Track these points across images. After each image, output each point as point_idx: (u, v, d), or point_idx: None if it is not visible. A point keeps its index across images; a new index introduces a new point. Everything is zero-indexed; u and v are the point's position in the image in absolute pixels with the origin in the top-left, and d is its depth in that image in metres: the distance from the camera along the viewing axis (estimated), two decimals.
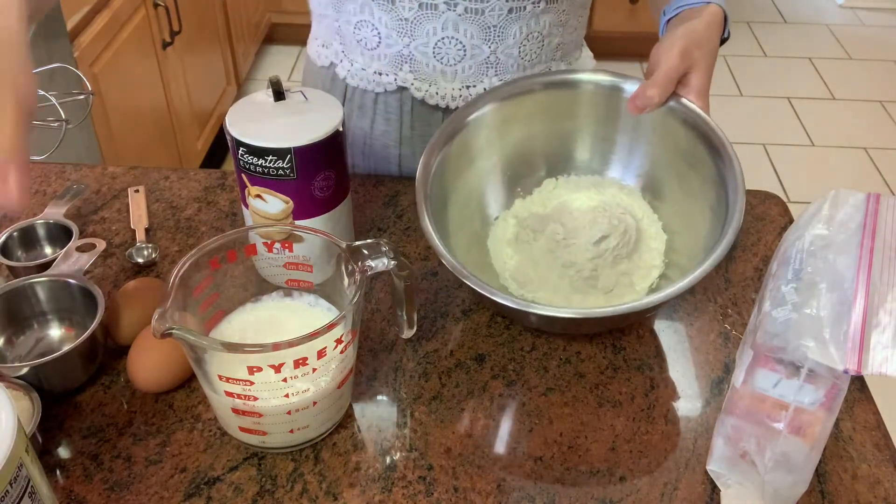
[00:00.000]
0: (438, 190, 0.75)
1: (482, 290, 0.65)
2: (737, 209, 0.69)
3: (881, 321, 0.54)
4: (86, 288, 0.71)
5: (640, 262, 0.78)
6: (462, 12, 0.84)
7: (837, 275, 0.57)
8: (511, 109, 0.81)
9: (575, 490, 0.63)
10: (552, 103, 0.82)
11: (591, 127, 0.83)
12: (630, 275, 0.77)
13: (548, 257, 0.77)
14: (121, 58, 1.79)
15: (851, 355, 0.52)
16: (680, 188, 0.79)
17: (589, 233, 0.77)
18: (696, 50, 0.76)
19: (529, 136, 0.83)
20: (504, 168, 0.83)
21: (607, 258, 0.76)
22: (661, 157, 0.80)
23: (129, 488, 0.62)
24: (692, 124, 0.76)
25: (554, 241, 0.78)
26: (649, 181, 0.82)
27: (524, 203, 0.83)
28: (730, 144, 0.73)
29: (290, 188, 0.71)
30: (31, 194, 0.91)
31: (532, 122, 0.82)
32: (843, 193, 0.64)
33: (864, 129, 2.87)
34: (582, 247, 0.76)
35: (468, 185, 0.81)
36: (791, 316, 0.56)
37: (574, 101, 0.82)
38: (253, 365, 0.57)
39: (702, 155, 0.75)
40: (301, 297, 0.69)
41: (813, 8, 3.69)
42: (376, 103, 0.94)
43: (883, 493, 0.63)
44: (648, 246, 0.79)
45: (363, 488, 0.62)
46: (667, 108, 0.77)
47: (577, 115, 0.82)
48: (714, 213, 0.73)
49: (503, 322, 0.77)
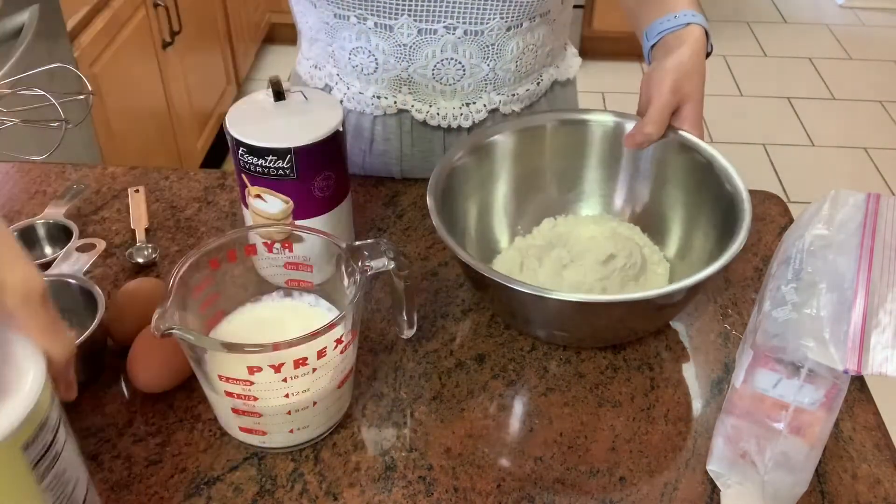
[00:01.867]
0: (448, 214, 0.75)
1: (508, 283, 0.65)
2: (743, 226, 0.69)
3: (881, 321, 0.54)
4: (86, 288, 0.71)
5: (647, 285, 0.77)
6: (461, 35, 0.83)
7: (837, 275, 0.57)
8: (524, 140, 0.82)
9: (575, 490, 0.63)
10: (562, 139, 0.83)
11: (595, 164, 0.84)
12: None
13: (555, 280, 0.76)
14: (121, 58, 1.79)
15: (851, 355, 0.52)
16: (682, 218, 0.80)
17: (596, 253, 0.76)
18: (687, 83, 0.78)
19: (538, 167, 0.84)
20: (511, 198, 0.84)
21: (615, 278, 0.75)
22: (661, 191, 0.82)
23: (129, 488, 0.62)
24: (691, 154, 0.78)
25: (560, 265, 0.77)
26: (651, 216, 0.83)
27: (524, 241, 0.84)
28: (732, 169, 0.74)
29: (290, 188, 0.71)
30: (31, 194, 0.91)
31: (541, 156, 0.84)
32: (843, 193, 0.64)
33: (864, 129, 2.87)
34: (590, 266, 0.76)
35: (476, 213, 0.81)
36: (791, 316, 0.56)
37: (582, 140, 0.83)
38: (253, 365, 0.57)
39: (702, 182, 0.77)
40: (301, 297, 0.69)
41: (813, 8, 3.69)
42: (374, 125, 0.93)
43: (883, 493, 0.63)
44: (654, 271, 0.79)
45: (363, 488, 0.62)
46: (665, 142, 0.79)
47: (583, 153, 0.84)
48: (718, 231, 0.73)
49: (503, 322, 0.77)
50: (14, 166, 0.96)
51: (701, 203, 0.78)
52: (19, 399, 0.46)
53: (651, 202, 0.83)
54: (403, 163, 0.95)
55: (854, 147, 2.77)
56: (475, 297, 0.79)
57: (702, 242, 0.77)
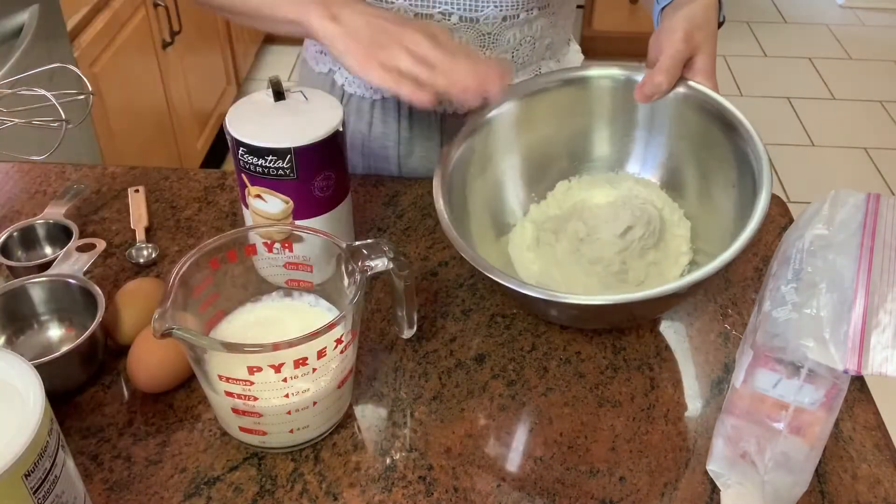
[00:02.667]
0: (458, 199, 0.74)
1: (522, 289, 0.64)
2: (763, 180, 0.67)
3: (881, 321, 0.54)
4: (86, 288, 0.71)
5: (668, 251, 0.76)
6: (457, 21, 0.84)
7: (837, 275, 0.57)
8: (528, 108, 0.80)
9: (575, 490, 0.63)
10: (568, 101, 0.81)
11: (606, 122, 0.82)
12: (659, 264, 0.75)
13: (572, 257, 0.76)
14: (121, 58, 1.79)
15: (851, 355, 0.52)
16: (699, 173, 0.78)
17: (613, 226, 0.75)
18: (699, 32, 0.76)
19: (546, 134, 0.82)
20: (522, 169, 0.82)
21: (634, 249, 0.74)
22: (677, 145, 0.79)
23: (129, 488, 0.62)
24: (705, 107, 0.75)
25: (577, 239, 0.76)
26: (667, 171, 0.81)
27: (539, 208, 0.83)
28: (746, 121, 0.72)
29: (291, 188, 0.71)
30: (31, 194, 0.91)
31: (549, 121, 0.81)
32: (843, 193, 0.64)
33: (864, 129, 2.87)
34: (607, 241, 0.74)
35: (485, 190, 0.79)
36: (791, 316, 0.56)
37: (589, 98, 0.81)
38: (253, 365, 0.57)
39: (718, 135, 0.74)
40: (301, 297, 0.69)
41: (813, 8, 3.69)
42: (373, 108, 0.94)
43: (883, 493, 0.63)
44: (674, 234, 0.78)
45: (363, 488, 0.62)
46: (678, 94, 0.76)
47: (592, 111, 0.81)
48: (739, 191, 0.72)
49: (503, 322, 0.77)
50: (14, 166, 0.96)
51: (721, 159, 0.75)
52: (19, 429, 0.46)
53: (667, 158, 0.80)
54: (402, 146, 0.96)
55: (854, 147, 2.77)
56: (475, 297, 0.79)
57: (721, 200, 0.75)
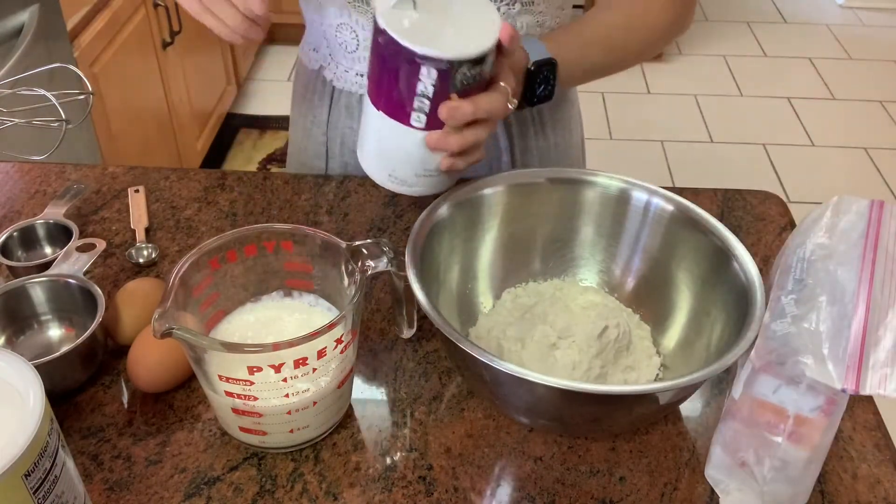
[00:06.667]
0: (428, 268, 0.68)
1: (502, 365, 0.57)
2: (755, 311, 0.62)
3: (881, 338, 0.53)
4: (86, 288, 0.71)
5: (639, 354, 0.72)
6: None
7: (838, 287, 0.56)
8: (518, 197, 0.76)
9: (575, 490, 0.63)
10: (558, 200, 0.76)
11: (592, 230, 0.77)
12: (635, 369, 0.70)
13: (543, 365, 0.68)
14: (121, 58, 1.79)
15: (850, 374, 0.51)
16: (686, 302, 0.73)
17: (589, 326, 0.68)
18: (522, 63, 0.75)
19: (529, 227, 0.77)
20: (498, 253, 0.77)
21: (610, 353, 0.69)
22: (664, 267, 0.74)
23: (129, 488, 0.62)
24: (702, 232, 0.71)
25: (547, 344, 0.69)
26: (649, 292, 0.76)
27: (489, 317, 0.75)
28: (748, 256, 0.67)
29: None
30: (31, 194, 0.91)
31: (535, 215, 0.77)
32: (846, 200, 0.62)
33: (864, 129, 2.87)
34: (584, 343, 0.68)
35: (459, 266, 0.75)
36: (790, 330, 0.55)
37: (579, 201, 0.76)
38: (253, 365, 0.57)
39: (715, 265, 0.70)
40: (301, 297, 0.69)
41: (813, 8, 3.69)
42: (361, 103, 0.94)
43: (883, 493, 0.63)
44: (638, 335, 0.73)
45: (363, 488, 0.62)
46: (673, 216, 0.73)
47: (579, 215, 0.77)
48: (702, 282, 0.70)
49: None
50: (14, 166, 0.96)
51: (711, 288, 0.70)
52: (19, 428, 0.46)
53: (650, 279, 0.75)
54: None
55: (854, 147, 2.77)
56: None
57: (682, 297, 0.71)
